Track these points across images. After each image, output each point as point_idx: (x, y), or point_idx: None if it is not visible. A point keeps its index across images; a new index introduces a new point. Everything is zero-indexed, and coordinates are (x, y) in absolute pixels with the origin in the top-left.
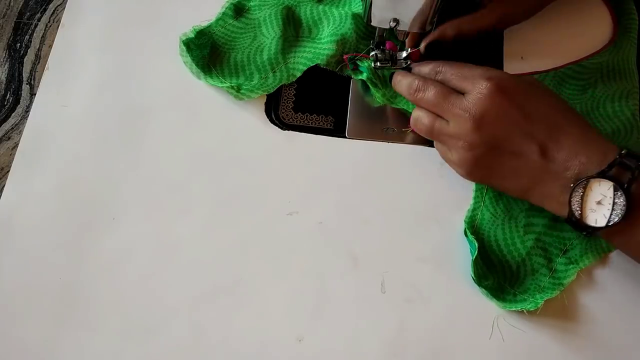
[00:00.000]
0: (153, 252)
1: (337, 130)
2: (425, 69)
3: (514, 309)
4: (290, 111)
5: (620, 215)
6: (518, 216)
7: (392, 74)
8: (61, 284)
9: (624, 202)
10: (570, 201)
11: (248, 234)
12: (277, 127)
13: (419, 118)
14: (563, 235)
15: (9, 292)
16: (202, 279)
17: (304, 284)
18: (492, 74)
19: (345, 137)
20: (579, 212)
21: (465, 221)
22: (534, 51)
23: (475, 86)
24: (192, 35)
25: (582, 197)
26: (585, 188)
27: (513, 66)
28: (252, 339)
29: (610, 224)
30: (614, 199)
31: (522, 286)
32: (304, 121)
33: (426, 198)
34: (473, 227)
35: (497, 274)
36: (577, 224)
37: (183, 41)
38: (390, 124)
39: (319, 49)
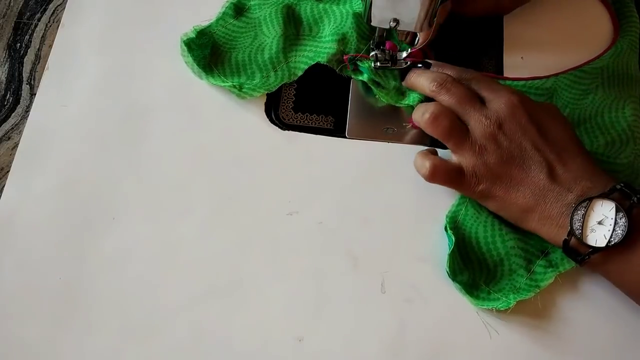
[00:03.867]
0: (153, 252)
1: (337, 130)
2: (450, 71)
3: (486, 307)
4: (290, 111)
5: (620, 236)
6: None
7: (402, 72)
8: (61, 284)
9: (626, 223)
10: (571, 219)
11: (248, 234)
12: (277, 127)
13: (441, 115)
14: None
15: (9, 292)
16: (202, 279)
17: (304, 284)
18: (516, 91)
19: (345, 137)
20: (580, 230)
21: (447, 216)
22: (534, 51)
23: (499, 96)
24: (193, 35)
25: (583, 217)
26: (587, 208)
27: (513, 66)
28: (252, 339)
29: (610, 244)
30: (615, 219)
31: (497, 285)
32: (304, 121)
33: (426, 198)
34: (455, 223)
35: (474, 271)
36: (573, 249)
37: (184, 41)
38: (390, 124)
39: (320, 47)
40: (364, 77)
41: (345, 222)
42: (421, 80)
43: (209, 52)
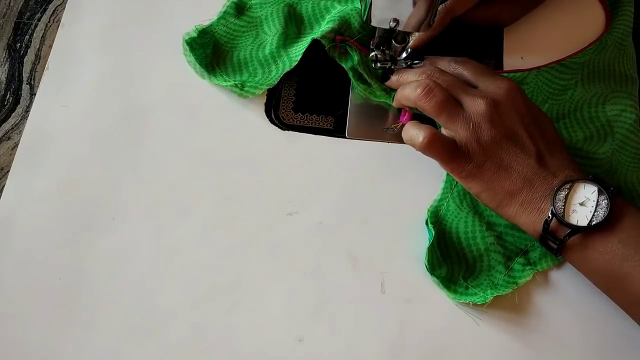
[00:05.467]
0: (153, 252)
1: (337, 130)
2: (444, 61)
3: (463, 301)
4: (290, 111)
5: (602, 217)
6: (483, 212)
7: (384, 72)
8: (61, 284)
9: (608, 205)
10: (554, 200)
11: (248, 234)
12: (277, 127)
13: (435, 88)
14: (525, 236)
15: (9, 292)
16: (202, 279)
17: (304, 284)
18: (511, 80)
19: (345, 137)
20: (562, 210)
21: (428, 210)
22: (534, 51)
23: (495, 81)
24: (195, 35)
25: (566, 197)
26: (570, 189)
27: (513, 66)
28: (252, 340)
29: (592, 224)
30: (597, 200)
31: (475, 280)
32: (304, 121)
33: (426, 198)
34: (436, 217)
35: (452, 265)
36: (552, 234)
37: (186, 40)
38: (390, 124)
39: (318, 31)
40: (347, 65)
41: (345, 222)
42: (409, 77)
43: (211, 51)
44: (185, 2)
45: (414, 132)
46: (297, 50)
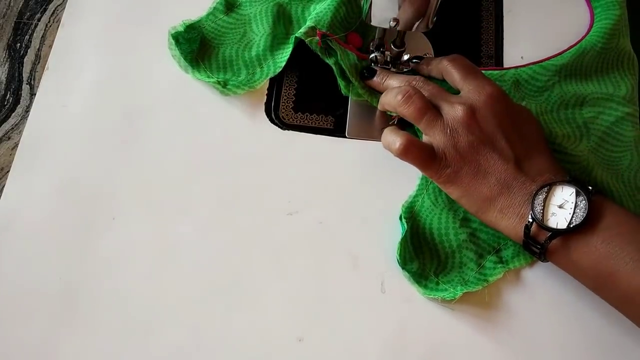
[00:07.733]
0: (153, 252)
1: (337, 130)
2: (434, 61)
3: (433, 296)
4: (290, 111)
5: (581, 218)
6: (458, 209)
7: (363, 69)
8: (61, 284)
9: (586, 206)
10: (532, 204)
11: (248, 234)
12: (277, 127)
13: (414, 94)
14: (498, 234)
15: (9, 292)
16: (202, 279)
17: (304, 284)
18: (495, 84)
19: (345, 137)
20: (541, 214)
21: (403, 205)
22: (534, 51)
23: (478, 85)
24: (182, 29)
25: (544, 201)
26: (548, 193)
27: (513, 65)
28: (252, 339)
29: (571, 226)
30: (576, 202)
31: (447, 276)
32: (304, 121)
33: None
34: (411, 213)
35: (424, 261)
36: (533, 239)
37: (172, 35)
38: (385, 124)
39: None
40: (331, 61)
41: (345, 222)
42: (392, 82)
43: (198, 46)
44: (185, 2)
45: (391, 138)
46: (283, 56)
